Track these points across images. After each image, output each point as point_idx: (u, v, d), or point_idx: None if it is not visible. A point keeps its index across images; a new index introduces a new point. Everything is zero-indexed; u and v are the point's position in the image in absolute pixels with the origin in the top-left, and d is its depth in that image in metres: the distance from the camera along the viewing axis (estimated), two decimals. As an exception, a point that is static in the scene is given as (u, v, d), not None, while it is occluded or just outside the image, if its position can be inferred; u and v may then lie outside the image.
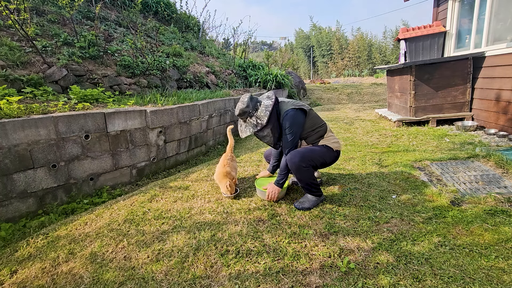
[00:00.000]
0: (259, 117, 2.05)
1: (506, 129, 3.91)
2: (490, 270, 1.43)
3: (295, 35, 25.41)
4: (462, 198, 2.18)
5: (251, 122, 2.08)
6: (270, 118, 2.06)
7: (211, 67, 7.16)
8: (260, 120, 2.04)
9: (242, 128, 2.16)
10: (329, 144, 2.19)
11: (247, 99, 2.08)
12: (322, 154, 2.14)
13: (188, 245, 1.79)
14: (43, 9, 4.84)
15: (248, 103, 2.06)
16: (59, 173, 2.68)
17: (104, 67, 4.44)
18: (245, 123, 2.13)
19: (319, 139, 2.21)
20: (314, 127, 2.18)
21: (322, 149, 2.16)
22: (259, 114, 2.05)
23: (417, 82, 4.73)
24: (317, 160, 2.11)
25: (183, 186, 2.77)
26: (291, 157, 2.04)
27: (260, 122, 2.04)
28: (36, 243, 1.96)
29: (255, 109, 2.08)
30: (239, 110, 2.08)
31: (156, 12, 7.76)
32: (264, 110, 2.05)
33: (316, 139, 2.20)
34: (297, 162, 2.02)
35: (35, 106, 2.74)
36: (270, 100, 2.10)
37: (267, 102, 2.10)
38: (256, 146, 4.42)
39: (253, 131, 2.07)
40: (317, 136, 2.20)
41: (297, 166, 2.02)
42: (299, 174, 2.07)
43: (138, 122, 3.34)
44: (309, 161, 2.06)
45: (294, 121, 2.06)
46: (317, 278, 1.46)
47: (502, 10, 4.23)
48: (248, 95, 2.11)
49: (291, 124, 2.06)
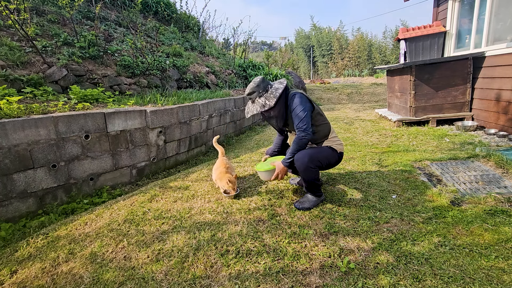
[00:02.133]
0: (268, 98, 2.08)
1: (506, 129, 3.91)
2: (490, 270, 1.43)
3: (295, 34, 25.39)
4: (462, 198, 2.18)
5: (259, 102, 2.10)
6: (279, 100, 2.09)
7: (211, 67, 7.16)
8: (269, 101, 2.07)
9: (249, 108, 2.19)
10: (334, 145, 2.20)
11: (259, 80, 2.13)
12: (328, 155, 2.15)
13: (188, 245, 1.79)
14: (43, 9, 4.84)
15: (260, 83, 2.11)
16: (59, 173, 2.68)
17: (104, 67, 4.44)
18: (253, 104, 2.15)
19: (323, 139, 2.21)
20: (319, 123, 2.18)
21: (328, 150, 2.17)
22: (269, 95, 2.08)
23: (417, 82, 4.73)
24: (324, 161, 2.12)
25: (183, 186, 2.77)
26: (300, 157, 2.05)
27: (268, 103, 2.07)
28: (36, 243, 1.96)
29: (265, 90, 2.11)
30: (249, 89, 2.12)
31: (156, 12, 7.76)
32: (274, 92, 2.09)
33: (320, 138, 2.20)
34: (306, 162, 2.02)
35: (35, 106, 2.74)
36: (282, 85, 2.13)
37: (277, 85, 2.13)
38: (256, 146, 4.42)
39: (260, 110, 2.10)
40: (321, 135, 2.20)
41: (306, 166, 2.03)
42: (306, 174, 2.07)
43: (138, 122, 3.34)
44: (317, 162, 2.07)
45: (301, 100, 2.08)
46: (317, 278, 1.46)
47: (502, 10, 4.23)
48: (261, 77, 2.15)
49: (299, 103, 2.06)
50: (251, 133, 6.07)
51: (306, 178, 2.10)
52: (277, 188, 2.58)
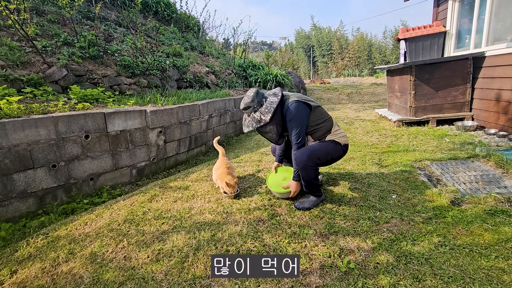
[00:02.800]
0: (263, 113, 2.05)
1: (506, 129, 3.91)
2: (490, 270, 1.43)
3: (295, 34, 25.36)
4: (462, 198, 2.18)
5: (255, 117, 2.09)
6: (274, 115, 2.06)
7: (211, 67, 7.16)
8: (264, 116, 2.04)
9: (246, 122, 2.17)
10: (337, 138, 2.17)
11: (253, 94, 2.09)
12: (329, 150, 2.13)
13: (188, 245, 1.79)
14: (43, 9, 4.84)
15: (254, 97, 2.08)
16: (59, 173, 2.68)
17: (104, 67, 4.44)
18: (249, 117, 2.13)
19: (326, 134, 2.18)
20: (320, 121, 2.15)
21: (329, 145, 2.14)
22: (263, 110, 2.06)
23: (417, 82, 4.73)
24: (324, 158, 2.11)
25: (183, 186, 2.77)
26: (299, 155, 2.04)
27: (263, 119, 2.05)
28: (36, 243, 1.96)
29: (260, 104, 2.08)
30: (244, 104, 2.09)
31: (156, 12, 7.76)
32: (268, 107, 2.05)
33: (322, 135, 2.18)
34: (305, 160, 2.02)
35: (35, 106, 2.74)
36: (276, 97, 2.10)
37: (272, 99, 2.09)
38: (256, 146, 4.42)
39: (256, 126, 2.08)
40: (324, 131, 2.17)
41: (304, 165, 2.03)
42: (305, 173, 2.07)
43: (138, 122, 3.34)
44: (317, 159, 2.06)
45: (296, 112, 2.05)
46: (317, 278, 1.46)
47: (502, 10, 4.23)
48: (254, 90, 2.12)
49: (294, 116, 2.04)
50: (251, 133, 6.07)
51: (305, 177, 2.10)
52: (277, 188, 2.58)
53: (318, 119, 2.15)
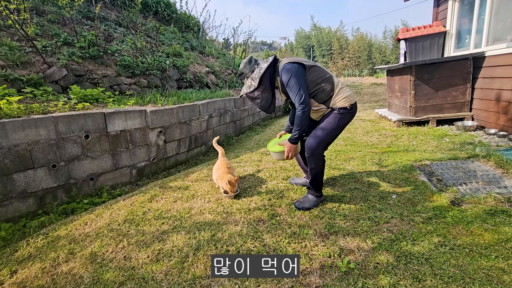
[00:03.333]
0: (254, 79, 2.07)
1: (506, 129, 3.91)
2: (490, 270, 1.43)
3: (295, 34, 25.36)
4: (462, 198, 2.18)
5: (246, 83, 2.13)
6: (262, 80, 2.05)
7: (211, 67, 7.16)
8: (254, 82, 2.06)
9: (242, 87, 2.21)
10: (342, 101, 2.04)
11: (246, 61, 2.13)
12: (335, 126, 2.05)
13: (188, 245, 1.79)
14: (43, 9, 4.84)
15: (246, 64, 2.12)
16: (59, 173, 2.68)
17: (104, 67, 4.44)
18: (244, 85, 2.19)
19: (330, 96, 2.07)
20: (319, 81, 2.05)
21: (333, 122, 2.05)
22: (254, 75, 2.07)
23: (417, 82, 4.73)
24: (332, 138, 2.12)
25: (183, 186, 2.77)
26: (309, 143, 2.05)
27: (253, 84, 2.07)
28: (36, 243, 1.96)
29: (251, 70, 2.11)
30: (239, 70, 2.15)
31: (156, 12, 7.76)
32: (258, 72, 2.07)
33: (326, 96, 2.07)
34: (314, 147, 2.03)
35: (35, 106, 2.74)
36: (267, 63, 2.09)
37: (263, 65, 2.09)
38: (256, 146, 4.42)
39: (246, 91, 2.11)
40: (327, 92, 2.06)
41: (313, 151, 2.04)
42: (314, 161, 2.07)
43: (138, 122, 3.34)
44: (326, 143, 2.09)
45: (291, 73, 1.97)
46: (317, 278, 1.46)
47: (502, 10, 4.23)
48: (248, 57, 2.15)
49: (290, 78, 1.97)
50: (251, 133, 6.07)
51: (314, 166, 2.09)
52: (277, 188, 2.58)
53: (317, 78, 2.05)
